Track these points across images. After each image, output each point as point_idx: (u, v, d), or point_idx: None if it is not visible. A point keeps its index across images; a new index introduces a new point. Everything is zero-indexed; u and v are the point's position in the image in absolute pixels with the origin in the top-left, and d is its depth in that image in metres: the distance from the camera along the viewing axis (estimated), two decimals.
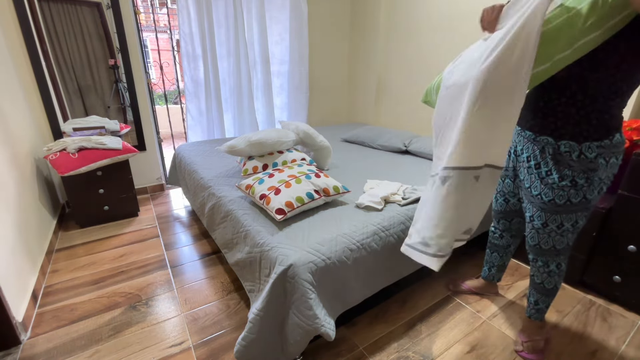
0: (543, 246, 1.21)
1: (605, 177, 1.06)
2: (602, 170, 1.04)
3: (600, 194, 1.09)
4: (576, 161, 1.04)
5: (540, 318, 1.35)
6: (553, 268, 1.24)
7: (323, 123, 3.73)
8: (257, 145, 1.80)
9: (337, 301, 1.24)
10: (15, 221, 1.57)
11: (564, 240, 1.18)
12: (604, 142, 1.01)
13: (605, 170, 1.04)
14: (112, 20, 2.41)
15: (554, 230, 1.16)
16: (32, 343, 1.36)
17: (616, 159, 1.04)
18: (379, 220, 1.38)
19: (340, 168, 2.10)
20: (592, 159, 1.02)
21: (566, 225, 1.14)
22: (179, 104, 3.73)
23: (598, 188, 1.07)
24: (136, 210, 2.49)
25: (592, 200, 1.09)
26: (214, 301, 1.61)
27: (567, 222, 1.14)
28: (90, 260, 1.93)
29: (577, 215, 1.12)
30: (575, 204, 1.09)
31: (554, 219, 1.14)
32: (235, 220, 1.47)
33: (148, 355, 1.31)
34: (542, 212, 1.16)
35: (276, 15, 3.06)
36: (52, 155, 2.06)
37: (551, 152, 1.09)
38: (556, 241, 1.18)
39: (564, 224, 1.14)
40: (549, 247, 1.20)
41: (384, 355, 1.33)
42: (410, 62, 2.94)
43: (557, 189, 1.09)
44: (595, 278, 1.65)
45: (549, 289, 1.28)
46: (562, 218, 1.13)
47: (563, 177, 1.07)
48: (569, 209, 1.11)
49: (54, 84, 2.35)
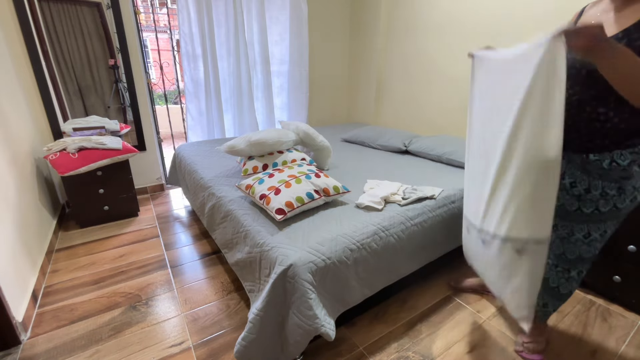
0: (569, 256, 1.13)
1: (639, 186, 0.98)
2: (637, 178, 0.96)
3: (633, 202, 1.01)
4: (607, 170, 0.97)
5: (545, 320, 1.32)
6: (574, 275, 1.16)
7: (323, 123, 3.73)
8: (257, 145, 1.80)
9: (337, 301, 1.24)
10: (15, 221, 1.57)
11: (591, 250, 1.09)
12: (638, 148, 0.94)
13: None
14: (112, 20, 2.41)
15: (580, 239, 1.09)
16: (32, 343, 1.36)
17: None
18: (379, 220, 1.38)
19: (340, 168, 2.10)
20: (625, 167, 0.95)
21: (593, 235, 1.06)
22: (179, 104, 3.73)
23: (631, 197, 0.99)
24: (136, 210, 2.49)
25: (624, 210, 1.01)
26: (214, 301, 1.61)
27: (594, 232, 1.06)
28: (90, 260, 1.93)
29: (606, 224, 1.04)
30: (604, 212, 1.02)
31: (581, 229, 1.07)
32: (235, 220, 1.47)
33: (148, 355, 1.31)
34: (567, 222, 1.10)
35: (276, 15, 3.06)
36: (52, 155, 2.06)
37: (579, 162, 1.02)
38: (583, 251, 1.10)
39: (591, 234, 1.06)
40: (575, 256, 1.12)
41: (384, 355, 1.32)
42: (410, 62, 2.94)
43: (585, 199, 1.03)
44: (595, 278, 1.65)
45: (563, 293, 1.21)
46: (590, 227, 1.05)
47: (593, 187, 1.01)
48: (597, 219, 1.04)
49: (54, 84, 2.35)
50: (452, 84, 2.63)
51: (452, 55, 2.60)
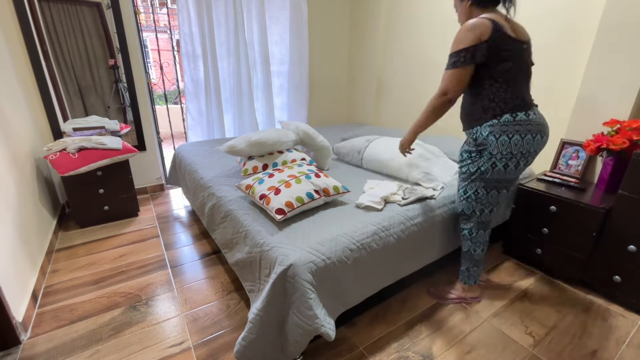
0: (458, 209, 1.53)
1: (497, 153, 1.28)
2: (492, 146, 1.28)
3: (494, 169, 1.31)
4: (474, 140, 1.35)
5: (464, 280, 1.60)
6: (465, 233, 1.52)
7: (323, 123, 3.73)
8: (257, 145, 1.80)
9: (337, 301, 1.24)
10: (15, 221, 1.57)
11: (470, 207, 1.45)
12: (493, 122, 1.27)
13: (497, 146, 1.27)
14: (112, 20, 2.41)
15: (461, 195, 1.48)
16: (32, 343, 1.36)
17: (507, 137, 1.25)
18: (379, 220, 1.38)
19: (340, 168, 2.10)
20: (485, 137, 1.29)
21: (469, 193, 1.43)
22: (179, 104, 3.73)
23: (490, 162, 1.31)
24: (136, 210, 2.49)
25: (486, 174, 1.34)
26: (214, 301, 1.61)
27: (469, 190, 1.43)
28: (90, 260, 1.93)
29: (476, 184, 1.39)
30: (472, 172, 1.38)
31: (461, 186, 1.46)
32: (235, 220, 1.47)
33: (148, 355, 1.31)
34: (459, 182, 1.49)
35: (276, 15, 3.06)
36: (52, 155, 2.06)
37: (468, 137, 1.41)
38: (464, 206, 1.48)
39: (467, 192, 1.44)
40: (460, 211, 1.52)
41: (384, 355, 1.32)
42: (410, 62, 2.94)
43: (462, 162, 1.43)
44: (595, 278, 1.65)
45: (464, 251, 1.56)
46: (465, 186, 1.44)
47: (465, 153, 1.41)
48: (468, 178, 1.41)
49: (54, 84, 2.35)
50: None
51: None
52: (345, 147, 2.21)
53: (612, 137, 1.62)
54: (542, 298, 1.65)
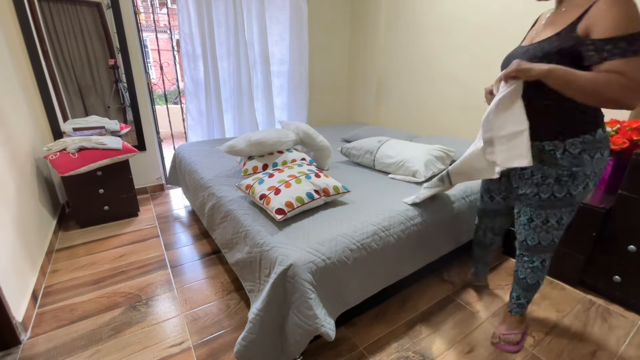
0: (529, 242, 1.24)
1: (590, 173, 1.08)
2: (588, 166, 1.07)
3: (586, 190, 1.11)
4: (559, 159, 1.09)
5: (520, 313, 1.37)
6: (537, 264, 1.27)
7: (323, 123, 3.73)
8: (257, 145, 1.80)
9: (337, 301, 1.24)
10: (15, 221, 1.57)
11: (549, 237, 1.20)
12: (586, 137, 1.04)
13: (591, 165, 1.07)
14: (112, 20, 2.41)
15: (539, 226, 1.20)
16: (32, 343, 1.36)
17: (601, 154, 1.06)
18: (379, 220, 1.38)
19: (340, 168, 2.10)
20: (576, 155, 1.06)
21: (551, 222, 1.17)
22: (179, 104, 3.73)
23: (583, 184, 1.09)
24: (136, 210, 2.49)
25: (577, 197, 1.11)
26: (214, 301, 1.61)
27: (551, 219, 1.17)
28: (90, 260, 1.93)
29: (562, 211, 1.15)
30: (560, 199, 1.12)
31: (539, 214, 1.18)
32: (235, 220, 1.47)
33: (148, 355, 1.31)
34: (527, 207, 1.20)
35: (276, 15, 3.06)
36: (52, 155, 2.06)
37: (536, 153, 1.13)
38: (542, 237, 1.21)
39: (549, 220, 1.17)
40: (535, 243, 1.23)
41: (384, 355, 1.32)
42: (411, 62, 2.94)
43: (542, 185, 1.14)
44: (595, 278, 1.65)
45: (531, 284, 1.31)
46: (547, 214, 1.16)
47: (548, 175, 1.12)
48: (553, 204, 1.14)
49: (54, 84, 2.35)
50: (453, 83, 2.63)
51: (452, 55, 2.60)
52: (356, 147, 2.15)
53: (612, 137, 1.62)
54: (542, 298, 1.65)
